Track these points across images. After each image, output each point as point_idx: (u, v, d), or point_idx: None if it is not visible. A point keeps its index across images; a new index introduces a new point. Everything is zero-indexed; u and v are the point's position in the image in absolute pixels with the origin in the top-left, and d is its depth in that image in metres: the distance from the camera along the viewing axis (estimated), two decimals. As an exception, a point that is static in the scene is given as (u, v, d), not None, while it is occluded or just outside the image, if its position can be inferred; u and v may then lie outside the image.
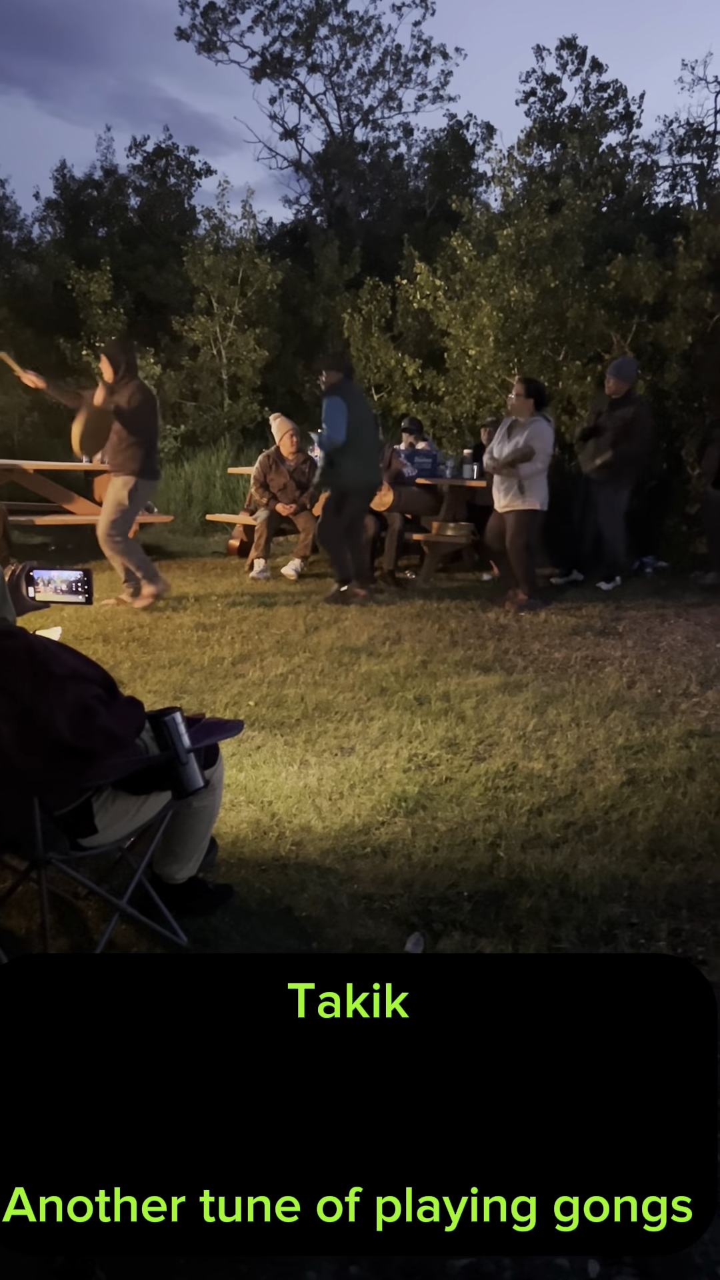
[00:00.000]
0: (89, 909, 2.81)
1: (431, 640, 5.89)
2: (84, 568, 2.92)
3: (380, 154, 22.37)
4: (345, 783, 3.70)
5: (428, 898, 2.87)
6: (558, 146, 16.59)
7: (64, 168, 19.74)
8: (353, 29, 21.62)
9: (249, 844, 3.21)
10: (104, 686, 2.37)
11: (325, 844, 3.22)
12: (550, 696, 4.77)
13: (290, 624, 6.25)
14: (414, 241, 13.28)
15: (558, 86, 19.03)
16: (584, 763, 3.93)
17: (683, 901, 2.88)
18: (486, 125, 20.86)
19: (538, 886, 2.91)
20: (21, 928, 2.70)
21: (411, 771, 3.82)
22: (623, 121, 18.71)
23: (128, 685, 4.70)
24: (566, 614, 6.71)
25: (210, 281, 14.41)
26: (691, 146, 18.77)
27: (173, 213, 19.85)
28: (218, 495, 11.93)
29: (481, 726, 4.34)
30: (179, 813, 2.59)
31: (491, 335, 9.68)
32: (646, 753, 4.03)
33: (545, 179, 10.76)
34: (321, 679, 5.03)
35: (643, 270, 9.39)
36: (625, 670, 5.31)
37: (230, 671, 5.16)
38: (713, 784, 3.68)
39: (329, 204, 21.99)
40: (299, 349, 15.95)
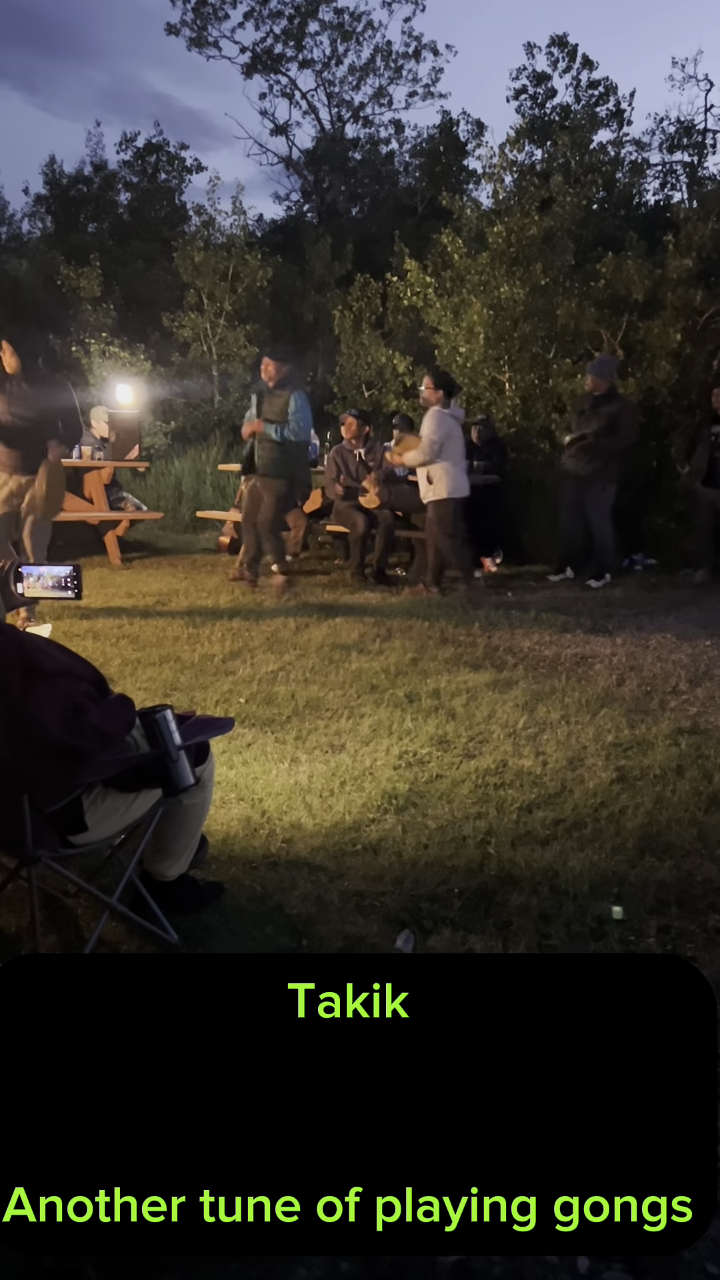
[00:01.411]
0: (79, 906, 2.80)
1: (421, 637, 5.89)
2: (73, 564, 2.92)
3: (371, 150, 22.37)
4: (336, 780, 3.70)
5: (418, 895, 2.87)
6: (548, 144, 16.61)
7: (53, 163, 19.72)
8: (344, 25, 21.63)
9: (239, 841, 3.21)
10: (94, 684, 2.37)
11: (316, 841, 3.22)
12: (540, 694, 4.78)
13: (280, 621, 6.25)
14: (405, 238, 13.29)
15: (549, 84, 19.08)
16: (574, 760, 3.93)
17: (672, 898, 2.88)
18: (477, 122, 20.92)
19: (528, 883, 2.91)
20: (11, 925, 2.70)
21: (402, 769, 3.82)
22: (613, 119, 18.76)
23: (118, 682, 4.69)
24: (557, 611, 6.72)
25: (200, 278, 14.39)
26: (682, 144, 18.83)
27: (163, 209, 19.82)
28: (208, 492, 11.91)
29: (472, 724, 4.35)
30: (169, 810, 2.58)
31: (482, 333, 9.68)
32: (636, 750, 4.04)
33: (536, 176, 10.76)
34: (312, 676, 5.03)
35: (633, 268, 9.41)
36: (615, 668, 5.32)
37: (220, 669, 5.16)
38: (702, 781, 3.69)
39: (320, 200, 21.98)
40: (289, 345, 15.93)
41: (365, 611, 6.59)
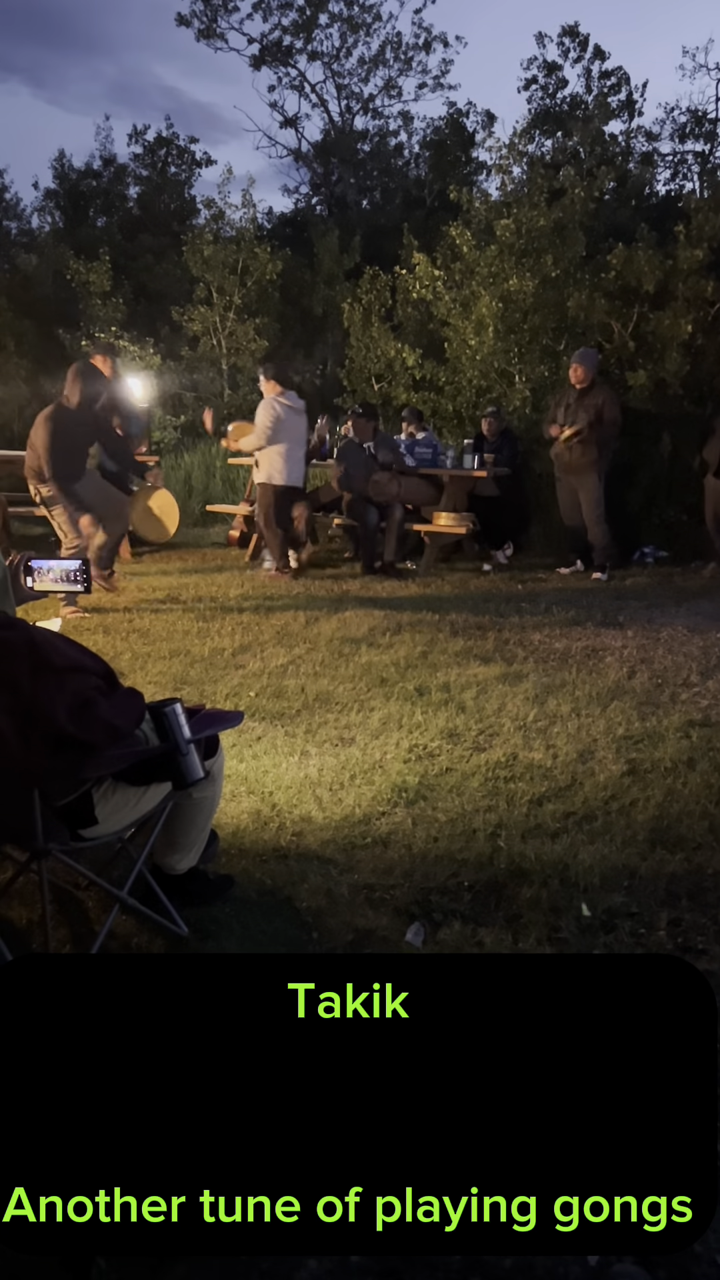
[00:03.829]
0: (90, 900, 2.81)
1: (431, 631, 5.89)
2: (82, 557, 2.92)
3: (380, 143, 22.30)
4: (345, 773, 3.70)
5: (428, 888, 2.87)
6: (558, 134, 16.53)
7: (63, 157, 19.69)
8: (353, 17, 21.54)
9: (249, 834, 3.21)
10: (104, 678, 2.37)
11: (325, 834, 3.22)
12: (550, 687, 4.77)
13: (290, 615, 6.25)
14: (414, 231, 13.24)
15: (559, 74, 18.97)
16: (584, 753, 3.93)
17: (683, 891, 2.88)
18: (487, 113, 20.84)
19: (538, 876, 2.91)
20: (22, 919, 2.71)
21: (412, 762, 3.82)
22: (624, 109, 18.63)
23: (128, 676, 4.70)
24: (567, 604, 6.70)
25: (210, 271, 14.36)
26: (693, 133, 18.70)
27: (172, 202, 19.79)
28: (217, 486, 11.90)
29: (482, 717, 4.34)
30: (179, 804, 2.58)
31: (491, 325, 9.65)
32: (647, 743, 4.03)
33: (546, 167, 10.72)
34: (322, 670, 5.03)
35: (643, 259, 9.36)
36: (625, 660, 5.30)
37: (230, 662, 5.16)
38: (713, 774, 3.68)
39: (328, 193, 21.93)
40: (299, 339, 15.93)
41: (375, 605, 6.59)
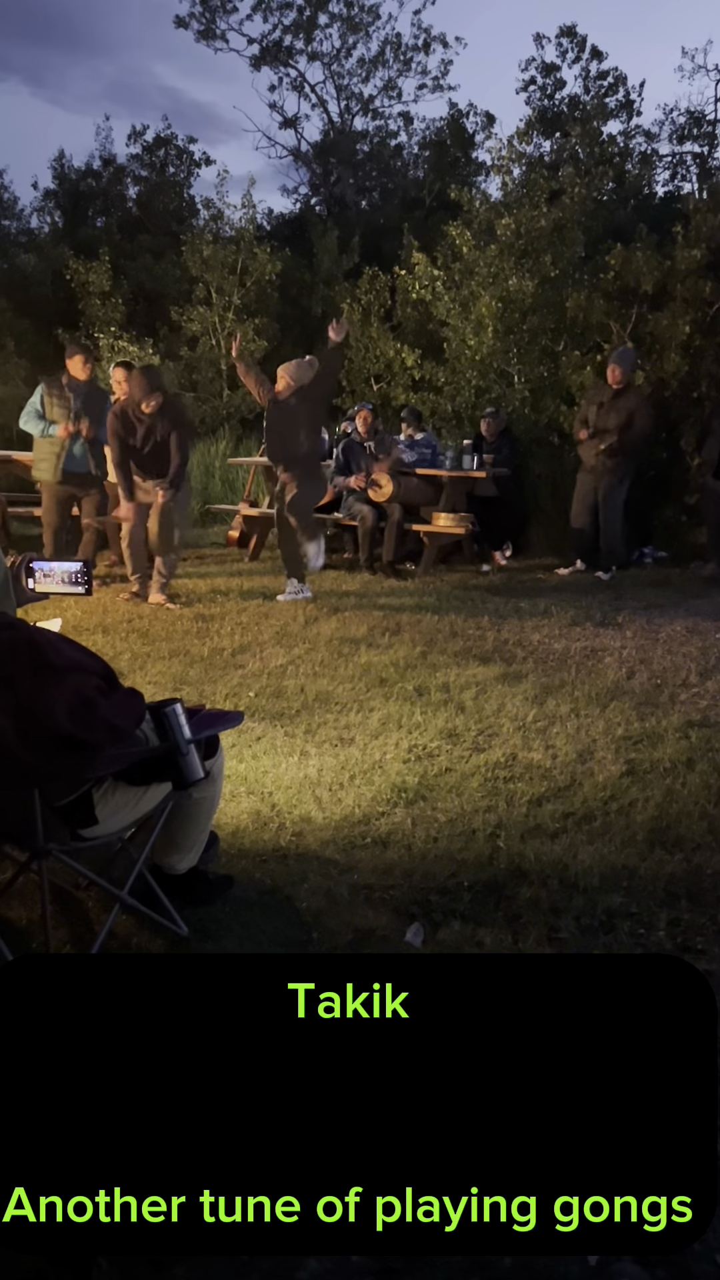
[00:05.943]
0: (90, 900, 2.81)
1: (431, 631, 5.89)
2: (83, 559, 2.92)
3: (380, 143, 22.29)
4: (345, 773, 3.70)
5: (427, 888, 2.88)
6: (557, 135, 16.53)
7: (62, 157, 19.66)
8: (353, 17, 21.51)
9: (249, 834, 3.22)
10: (104, 678, 2.37)
11: (325, 834, 3.23)
12: (550, 687, 4.77)
13: (290, 615, 6.25)
14: (413, 231, 13.24)
15: (557, 75, 18.95)
16: (583, 753, 3.93)
17: (682, 891, 2.88)
18: (486, 114, 20.83)
19: (537, 877, 2.91)
20: (22, 919, 2.71)
21: (411, 762, 3.83)
22: (623, 110, 18.63)
23: (128, 676, 4.70)
24: (566, 604, 6.71)
25: (209, 271, 14.36)
26: (692, 135, 18.71)
27: (171, 202, 19.76)
28: (217, 486, 11.90)
29: (481, 717, 4.34)
30: (179, 803, 2.59)
31: (490, 325, 9.66)
32: (646, 743, 4.03)
33: (545, 168, 10.73)
34: (321, 670, 5.03)
35: (642, 260, 9.36)
36: (625, 661, 5.31)
37: (230, 662, 5.16)
38: (712, 774, 3.68)
39: (328, 193, 21.91)
40: (298, 339, 15.89)
41: (374, 605, 6.59)
